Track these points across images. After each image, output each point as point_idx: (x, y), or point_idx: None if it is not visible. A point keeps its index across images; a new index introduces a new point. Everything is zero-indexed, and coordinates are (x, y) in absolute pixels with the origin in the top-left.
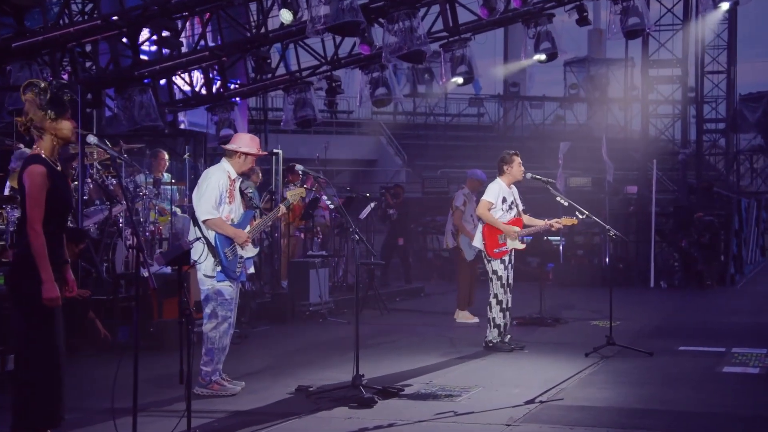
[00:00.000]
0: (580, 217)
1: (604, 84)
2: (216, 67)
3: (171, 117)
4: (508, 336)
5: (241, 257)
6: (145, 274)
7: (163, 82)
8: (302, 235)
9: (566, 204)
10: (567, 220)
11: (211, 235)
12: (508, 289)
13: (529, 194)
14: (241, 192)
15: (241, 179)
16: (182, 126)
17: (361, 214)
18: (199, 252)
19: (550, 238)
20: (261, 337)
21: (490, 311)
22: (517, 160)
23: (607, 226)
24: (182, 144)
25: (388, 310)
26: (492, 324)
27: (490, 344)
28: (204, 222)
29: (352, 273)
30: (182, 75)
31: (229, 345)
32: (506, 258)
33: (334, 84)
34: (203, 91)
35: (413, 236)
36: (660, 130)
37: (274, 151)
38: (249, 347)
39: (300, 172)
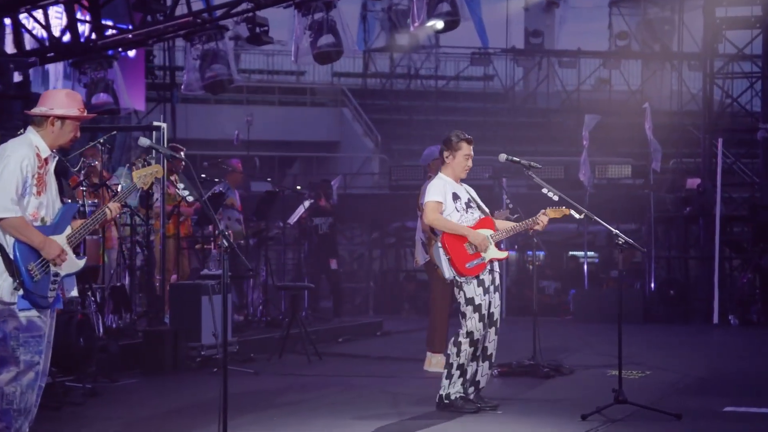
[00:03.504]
0: (578, 216)
1: (667, 33)
2: (85, 3)
3: (20, 76)
4: (474, 389)
5: (57, 275)
6: None
7: (9, 25)
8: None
9: (556, 198)
10: (555, 212)
11: (9, 242)
12: (489, 323)
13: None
14: (56, 174)
15: (56, 158)
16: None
17: (291, 217)
18: None
19: (574, 253)
20: (121, 394)
21: (456, 354)
22: (465, 149)
23: (615, 231)
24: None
25: (319, 355)
26: (454, 372)
27: (446, 401)
28: None
29: (275, 303)
30: (34, 14)
31: (69, 404)
32: (485, 276)
33: (258, 30)
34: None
35: (388, 253)
36: (732, 96)
37: (155, 124)
38: (96, 408)
39: (145, 146)
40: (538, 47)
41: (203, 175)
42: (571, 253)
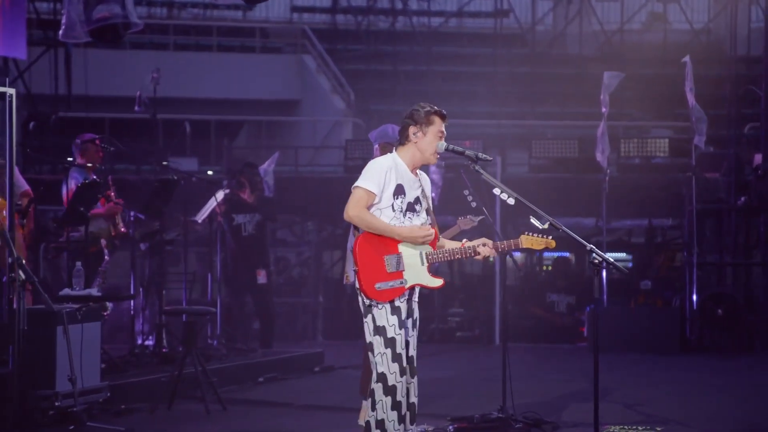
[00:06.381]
0: (540, 225)
1: None
2: None
3: None
4: None
5: None
6: None
7: None
8: None
9: (511, 201)
10: (532, 241)
11: None
12: (406, 363)
13: None
14: None
15: None
16: None
17: (199, 213)
18: None
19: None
20: None
21: (371, 408)
22: (438, 125)
23: (589, 246)
24: None
25: (222, 403)
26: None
27: None
28: None
29: (176, 333)
30: None
31: None
32: (401, 304)
33: None
34: None
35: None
36: None
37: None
38: None
39: None
40: None
41: (69, 159)
42: (594, 256)
